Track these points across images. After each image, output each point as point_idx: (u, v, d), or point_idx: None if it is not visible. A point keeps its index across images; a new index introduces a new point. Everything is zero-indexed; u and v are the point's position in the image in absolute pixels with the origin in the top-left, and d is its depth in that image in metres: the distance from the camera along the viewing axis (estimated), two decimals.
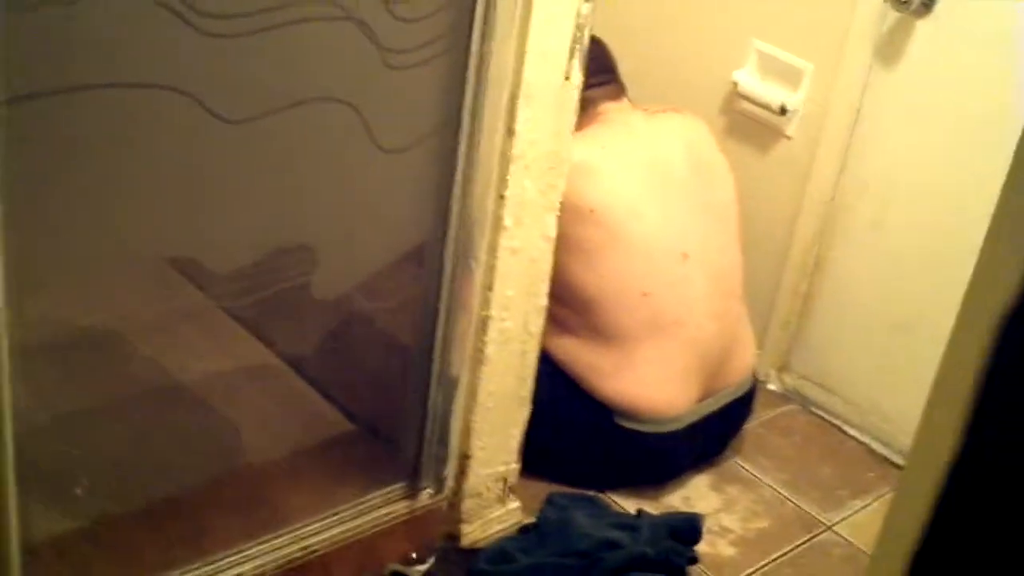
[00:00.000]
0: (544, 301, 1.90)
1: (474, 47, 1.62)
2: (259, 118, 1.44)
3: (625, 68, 2.33)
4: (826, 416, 2.62)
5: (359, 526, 1.87)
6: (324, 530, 1.83)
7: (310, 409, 1.86)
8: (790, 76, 2.50)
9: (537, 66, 1.67)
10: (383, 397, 1.95)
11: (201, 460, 1.79)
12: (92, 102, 1.29)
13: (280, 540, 1.78)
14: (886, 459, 2.51)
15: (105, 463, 1.66)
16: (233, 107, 1.41)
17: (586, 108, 2.06)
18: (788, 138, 2.53)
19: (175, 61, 1.34)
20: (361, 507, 1.88)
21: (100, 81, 1.29)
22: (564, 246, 1.95)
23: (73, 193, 1.35)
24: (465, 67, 1.63)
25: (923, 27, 2.31)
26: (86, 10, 1.24)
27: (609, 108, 2.25)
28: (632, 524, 2.07)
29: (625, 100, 2.30)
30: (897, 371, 2.49)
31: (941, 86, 2.30)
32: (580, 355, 2.18)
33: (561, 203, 1.84)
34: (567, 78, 1.73)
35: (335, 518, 1.84)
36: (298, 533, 1.80)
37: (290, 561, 1.76)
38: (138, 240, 1.46)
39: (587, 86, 1.79)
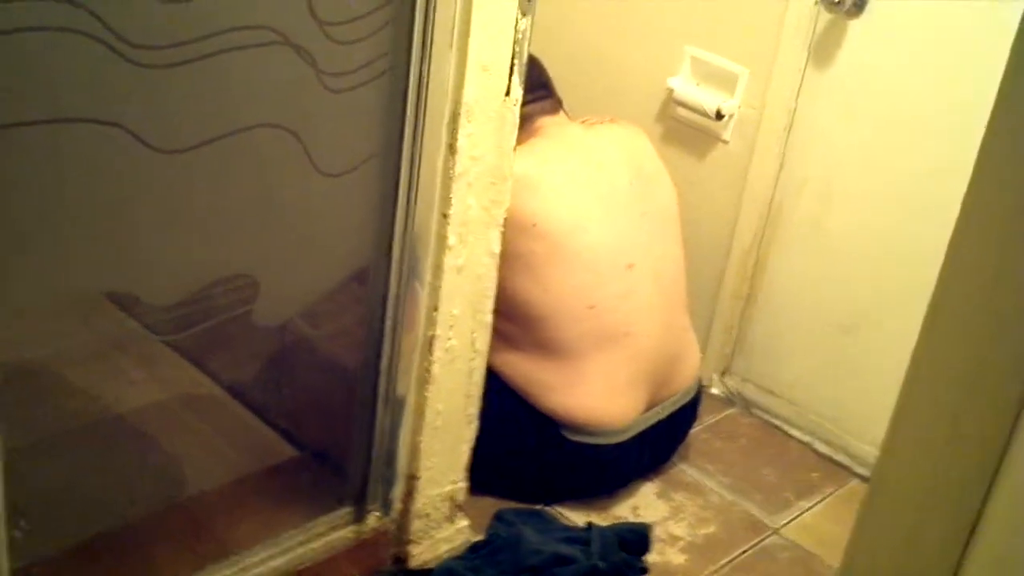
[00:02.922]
0: (489, 318, 1.88)
1: (413, 66, 1.60)
2: (196, 147, 1.40)
3: (561, 80, 2.31)
4: (769, 418, 2.63)
5: (306, 553, 1.83)
6: (271, 559, 1.79)
7: (255, 437, 1.83)
8: (725, 81, 2.50)
9: (477, 83, 1.64)
10: (329, 421, 1.92)
11: (144, 493, 1.74)
12: (25, 138, 1.24)
13: (226, 572, 1.74)
14: (830, 459, 2.53)
15: (45, 501, 1.60)
16: (169, 138, 1.37)
17: (523, 124, 2.04)
18: (725, 142, 2.54)
19: (108, 94, 1.29)
20: (308, 534, 1.85)
21: (32, 117, 1.24)
22: (508, 261, 1.93)
23: (7, 229, 1.30)
24: (405, 86, 1.60)
25: (855, 27, 2.33)
26: (14, 44, 1.19)
27: (546, 122, 2.24)
28: (582, 537, 2.06)
29: (562, 114, 2.28)
30: (839, 372, 2.51)
31: (875, 86, 2.32)
32: (527, 370, 2.17)
33: (504, 218, 1.82)
34: (507, 94, 1.70)
35: (282, 547, 1.81)
36: (245, 564, 1.76)
37: None
38: (76, 275, 1.41)
39: (523, 102, 1.77)
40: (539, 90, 2.19)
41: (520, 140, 1.82)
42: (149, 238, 1.45)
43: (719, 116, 2.49)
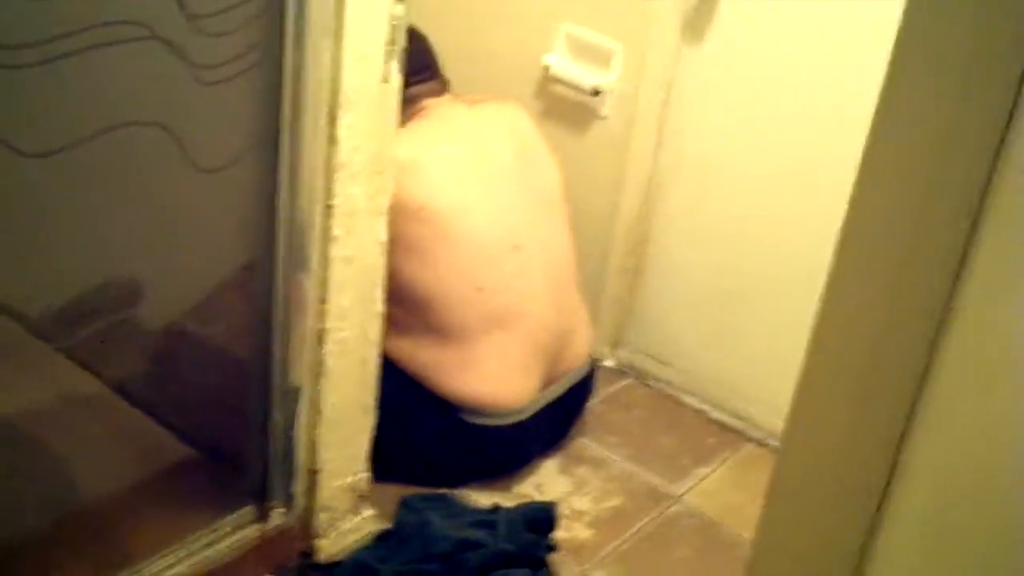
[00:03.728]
0: (380, 307, 1.87)
1: (288, 57, 1.58)
2: (67, 149, 1.36)
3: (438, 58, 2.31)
4: (663, 387, 2.67)
5: (212, 555, 1.81)
6: (175, 564, 1.76)
7: (150, 439, 1.79)
8: (600, 57, 2.52)
9: (354, 72, 1.63)
10: (225, 419, 1.89)
11: (38, 502, 1.69)
12: None
13: None
14: (724, 424, 2.58)
15: None
16: (39, 140, 1.33)
17: (408, 105, 2.04)
18: (604, 118, 2.56)
19: None
20: (212, 536, 1.82)
21: None
22: (396, 245, 1.93)
23: None
24: (280, 77, 1.58)
25: (726, 3, 2.37)
26: None
27: (432, 104, 2.24)
28: (489, 520, 2.07)
29: (447, 96, 2.28)
30: (726, 338, 2.56)
31: (748, 61, 2.37)
32: (420, 354, 2.17)
33: (391, 204, 1.81)
34: (386, 81, 1.69)
35: (186, 551, 1.78)
36: (148, 571, 1.73)
37: None
38: None
39: (410, 83, 1.76)
40: (425, 71, 2.19)
41: (405, 120, 1.81)
42: (26, 244, 1.41)
43: (596, 93, 2.51)
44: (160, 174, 1.53)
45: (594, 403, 2.54)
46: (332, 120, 1.64)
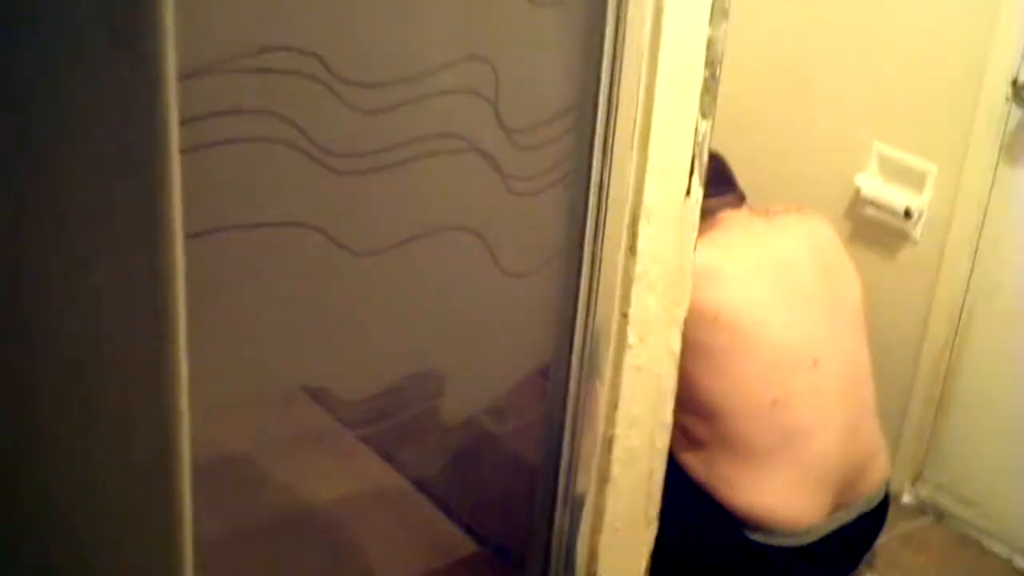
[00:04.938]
0: (670, 418, 1.87)
1: (595, 170, 1.64)
2: (388, 250, 1.47)
3: (745, 177, 2.32)
4: (964, 530, 2.52)
5: None
6: None
7: (438, 531, 1.86)
8: (913, 178, 2.47)
9: (657, 185, 1.67)
10: (510, 517, 1.94)
11: None
12: (232, 241, 1.33)
13: None
14: None
15: None
16: (362, 240, 1.44)
17: (706, 217, 2.05)
18: (914, 242, 2.49)
19: (307, 199, 1.38)
20: None
21: (237, 222, 1.33)
22: (689, 352, 1.92)
23: (215, 325, 1.39)
24: (586, 190, 1.64)
25: None
26: (225, 154, 1.29)
27: (729, 215, 2.25)
28: None
29: (745, 208, 2.29)
30: None
31: None
32: (707, 464, 2.15)
33: (684, 316, 1.83)
34: (688, 195, 1.73)
35: None
36: None
37: None
38: (274, 370, 1.49)
39: (707, 196, 1.78)
40: (722, 185, 2.21)
41: (702, 231, 1.83)
42: (344, 334, 1.53)
43: (908, 215, 2.45)
44: (470, 276, 1.62)
45: (885, 539, 2.42)
46: (633, 232, 1.68)
